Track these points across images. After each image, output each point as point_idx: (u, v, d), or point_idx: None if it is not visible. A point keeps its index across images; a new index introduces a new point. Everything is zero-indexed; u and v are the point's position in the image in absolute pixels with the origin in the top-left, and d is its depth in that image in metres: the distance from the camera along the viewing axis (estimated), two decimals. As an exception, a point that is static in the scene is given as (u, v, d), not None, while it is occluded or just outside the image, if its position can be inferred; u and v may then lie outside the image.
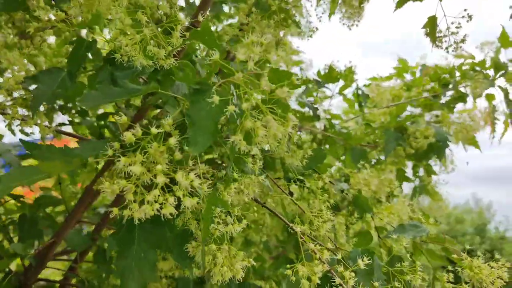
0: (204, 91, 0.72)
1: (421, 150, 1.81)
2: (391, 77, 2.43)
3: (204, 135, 0.68)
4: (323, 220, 0.96)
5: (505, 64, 2.22)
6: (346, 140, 1.61)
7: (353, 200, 1.16)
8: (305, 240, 0.86)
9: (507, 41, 2.15)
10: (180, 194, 0.65)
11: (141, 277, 0.70)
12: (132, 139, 0.65)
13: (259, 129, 0.68)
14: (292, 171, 1.13)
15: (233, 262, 0.83)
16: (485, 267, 1.01)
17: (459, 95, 2.22)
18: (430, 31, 1.26)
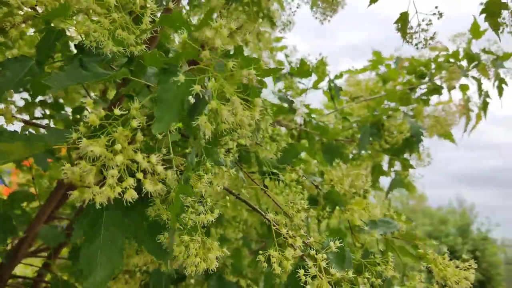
0: (172, 71, 0.72)
1: (397, 145, 1.82)
2: (366, 70, 2.45)
3: (169, 113, 0.68)
4: (298, 209, 0.96)
5: (477, 54, 2.26)
6: (322, 135, 1.62)
7: (326, 194, 1.17)
8: (278, 228, 0.86)
9: (478, 31, 2.18)
10: (140, 176, 0.64)
11: (108, 265, 0.68)
12: (95, 121, 0.64)
13: (223, 110, 0.67)
14: (267, 164, 1.13)
15: (206, 253, 0.82)
16: (450, 265, 1.01)
17: (434, 87, 2.26)
18: (401, 27, 1.28)
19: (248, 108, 0.68)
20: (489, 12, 1.22)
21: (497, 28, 1.24)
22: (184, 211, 0.78)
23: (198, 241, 0.80)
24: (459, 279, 0.99)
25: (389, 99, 2.25)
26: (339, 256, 0.92)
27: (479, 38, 2.21)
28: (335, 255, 0.92)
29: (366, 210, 1.15)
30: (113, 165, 0.64)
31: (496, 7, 1.20)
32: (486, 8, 1.21)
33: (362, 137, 1.67)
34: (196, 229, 0.83)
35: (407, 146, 1.84)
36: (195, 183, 0.82)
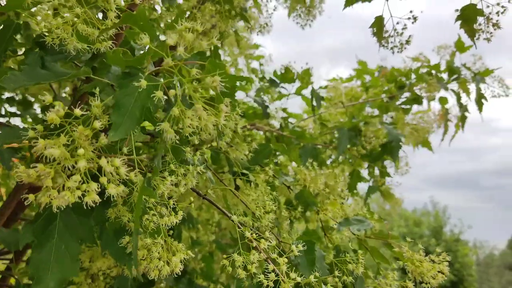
0: (133, 75, 0.68)
1: (375, 151, 1.82)
2: (351, 79, 2.45)
3: (128, 119, 0.64)
4: (266, 210, 0.94)
5: (458, 68, 2.28)
6: (299, 139, 1.60)
7: (297, 195, 1.15)
8: (243, 230, 0.83)
9: (463, 46, 2.21)
10: (104, 181, 0.61)
11: (60, 271, 0.65)
12: (55, 119, 0.60)
13: (186, 118, 0.65)
14: (237, 165, 1.10)
15: (170, 256, 0.80)
16: (425, 260, 1.02)
17: (414, 97, 2.27)
18: (377, 31, 1.27)
19: (213, 114, 0.65)
20: (464, 19, 1.21)
21: (473, 35, 1.24)
22: (146, 213, 0.75)
23: (161, 244, 0.78)
24: (435, 274, 1.01)
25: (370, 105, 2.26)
26: (309, 257, 0.90)
27: (463, 52, 2.23)
28: (304, 257, 0.90)
29: (340, 210, 1.14)
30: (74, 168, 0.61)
31: (472, 14, 1.19)
32: (461, 14, 1.20)
33: (340, 141, 1.66)
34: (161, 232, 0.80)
35: (385, 153, 1.84)
36: (158, 184, 0.79)
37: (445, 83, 2.28)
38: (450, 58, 2.30)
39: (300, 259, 0.89)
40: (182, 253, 0.81)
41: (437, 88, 2.22)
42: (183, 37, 0.69)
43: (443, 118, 2.35)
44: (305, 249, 0.90)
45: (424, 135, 2.01)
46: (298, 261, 0.89)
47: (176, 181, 0.85)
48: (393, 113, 2.26)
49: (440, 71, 2.29)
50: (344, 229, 1.10)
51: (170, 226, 0.81)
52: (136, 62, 0.72)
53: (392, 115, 2.24)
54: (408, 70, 2.26)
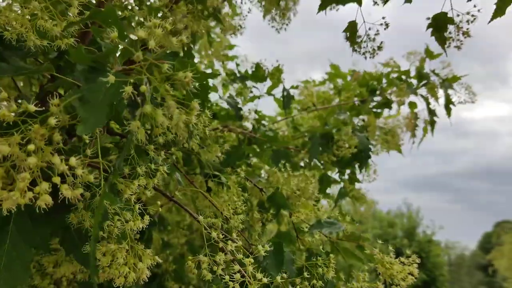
0: (100, 70, 0.65)
1: (345, 158, 1.82)
2: (324, 82, 2.46)
3: (96, 115, 0.61)
4: (235, 212, 0.92)
5: (427, 74, 2.31)
6: (272, 142, 1.58)
7: (270, 197, 1.13)
8: (209, 232, 0.81)
9: (432, 54, 2.24)
10: (57, 181, 0.58)
11: (10, 279, 0.60)
12: (7, 116, 0.56)
13: (158, 116, 0.62)
14: (209, 167, 1.08)
15: (136, 261, 0.76)
16: (396, 262, 1.02)
17: (384, 101, 2.29)
18: (350, 36, 1.26)
19: (185, 113, 0.62)
20: (435, 27, 1.22)
21: (443, 43, 1.24)
22: (108, 219, 0.71)
23: (126, 249, 0.74)
24: (405, 276, 1.01)
25: (340, 109, 2.26)
26: (277, 259, 0.88)
27: (433, 59, 2.26)
28: (273, 258, 0.88)
29: (312, 212, 1.13)
30: (25, 167, 0.57)
31: (442, 22, 1.19)
32: (432, 22, 1.21)
33: (312, 147, 1.65)
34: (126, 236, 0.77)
35: (355, 160, 1.84)
36: (124, 188, 0.76)
37: (415, 88, 2.31)
38: (420, 64, 2.33)
39: (268, 260, 0.87)
40: (149, 259, 0.78)
41: (407, 93, 2.25)
42: (152, 33, 0.67)
43: (412, 124, 2.38)
44: (273, 250, 0.88)
45: (395, 143, 2.03)
46: (267, 262, 0.87)
47: (143, 184, 0.82)
48: (364, 116, 2.28)
49: (410, 76, 2.32)
50: (316, 232, 1.08)
51: (137, 230, 0.78)
52: (103, 57, 0.68)
53: (363, 118, 2.25)
54: (379, 75, 2.28)
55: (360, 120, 2.27)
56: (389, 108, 2.29)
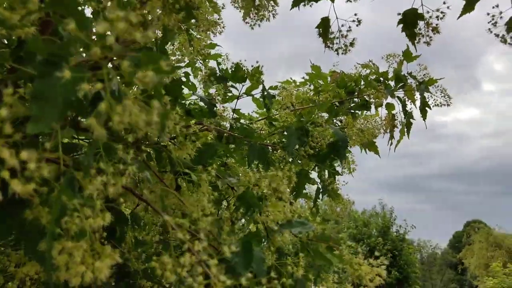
0: (56, 63, 0.60)
1: (322, 152, 1.80)
2: (305, 83, 2.43)
3: (50, 112, 0.56)
4: (204, 213, 0.88)
5: (405, 77, 2.31)
6: (247, 138, 1.55)
7: (240, 196, 1.09)
8: (176, 231, 0.77)
9: (410, 56, 2.23)
10: (5, 175, 0.53)
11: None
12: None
13: (115, 115, 0.58)
14: (180, 164, 1.04)
15: (94, 260, 0.72)
16: (364, 263, 1.01)
17: (362, 102, 2.27)
18: (322, 32, 1.24)
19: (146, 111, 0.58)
20: (406, 23, 1.21)
21: (413, 39, 1.23)
22: (65, 215, 0.67)
23: (84, 248, 0.70)
24: (373, 277, 1.01)
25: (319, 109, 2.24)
26: (246, 258, 0.85)
27: (410, 62, 2.26)
28: (242, 258, 0.85)
29: (282, 212, 1.10)
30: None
31: (413, 18, 1.19)
32: (403, 18, 1.20)
33: (289, 140, 1.62)
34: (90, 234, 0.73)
35: (333, 153, 1.82)
36: (86, 184, 0.72)
37: (392, 90, 2.30)
38: (397, 67, 2.32)
39: (237, 259, 0.84)
40: (109, 257, 0.74)
41: (384, 95, 2.23)
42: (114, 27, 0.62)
43: (390, 124, 2.37)
44: (242, 249, 0.85)
45: (369, 137, 2.01)
46: (236, 261, 0.84)
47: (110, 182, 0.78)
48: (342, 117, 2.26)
49: (388, 78, 2.31)
50: (285, 232, 1.05)
51: (105, 228, 0.74)
52: (60, 49, 0.64)
53: (341, 119, 2.24)
54: (358, 76, 2.27)
55: (338, 121, 2.26)
56: (367, 110, 2.28)
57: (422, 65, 2.32)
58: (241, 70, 1.83)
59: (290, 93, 2.05)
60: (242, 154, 1.44)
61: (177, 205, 0.98)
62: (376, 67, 2.31)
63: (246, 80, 1.86)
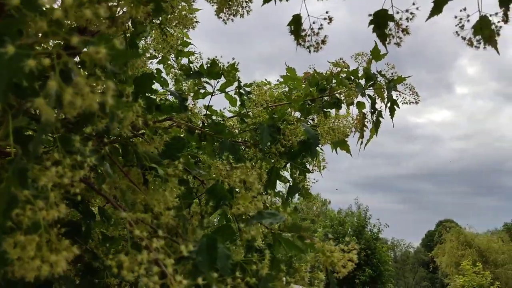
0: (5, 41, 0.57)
1: (294, 149, 1.78)
2: (280, 85, 2.42)
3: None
4: (166, 207, 0.85)
5: (375, 75, 2.32)
6: (218, 134, 1.52)
7: (209, 189, 1.06)
8: (133, 228, 0.73)
9: (378, 54, 2.24)
10: None
11: None
12: None
13: (67, 94, 0.54)
14: (146, 158, 1.00)
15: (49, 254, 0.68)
16: (336, 250, 1.00)
17: (334, 101, 2.27)
18: (294, 29, 1.23)
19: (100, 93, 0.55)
20: (376, 23, 1.20)
21: (384, 39, 1.23)
22: (16, 207, 0.63)
23: (37, 241, 0.66)
24: (346, 263, 1.00)
25: (292, 107, 2.23)
26: (210, 256, 0.82)
27: (379, 60, 2.27)
28: (205, 255, 0.82)
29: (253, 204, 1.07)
30: None
31: (383, 19, 1.18)
32: (373, 19, 1.19)
33: (262, 136, 1.60)
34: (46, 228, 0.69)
35: (304, 151, 1.81)
36: (38, 175, 0.68)
37: (363, 89, 2.31)
38: (367, 65, 2.33)
39: (200, 257, 0.81)
40: (67, 251, 0.70)
41: (355, 93, 2.24)
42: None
43: (360, 123, 2.38)
44: (206, 246, 0.82)
45: (340, 135, 2.00)
46: (199, 259, 0.81)
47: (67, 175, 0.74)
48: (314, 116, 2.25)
49: (358, 77, 2.32)
50: (255, 223, 1.03)
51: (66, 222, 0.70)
52: (4, 26, 0.60)
53: (313, 118, 2.23)
54: (329, 75, 2.26)
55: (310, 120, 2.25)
56: (338, 108, 2.28)
57: (390, 64, 2.34)
58: (217, 66, 1.80)
59: (263, 91, 2.03)
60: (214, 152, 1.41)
61: (143, 200, 0.94)
62: (346, 65, 2.31)
63: (221, 76, 1.83)
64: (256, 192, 1.04)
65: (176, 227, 0.95)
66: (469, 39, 1.18)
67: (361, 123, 2.36)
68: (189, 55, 2.27)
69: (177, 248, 0.84)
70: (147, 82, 1.23)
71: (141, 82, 1.22)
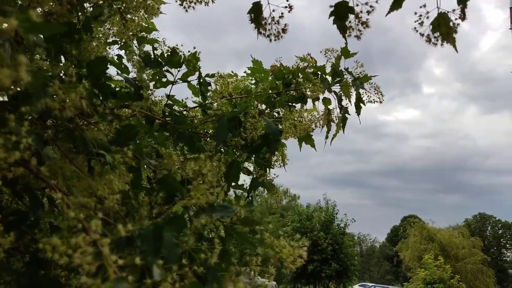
0: None
1: (256, 143, 1.76)
2: (247, 78, 2.39)
3: None
4: (111, 191, 0.81)
5: (342, 72, 2.32)
6: (178, 125, 1.48)
7: (161, 179, 1.03)
8: (69, 210, 0.70)
9: (348, 52, 2.25)
10: None
11: None
12: None
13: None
14: (93, 144, 0.96)
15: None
16: (286, 246, 0.98)
17: (300, 95, 2.26)
18: (254, 18, 1.20)
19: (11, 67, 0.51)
20: (337, 15, 1.19)
21: (344, 32, 1.22)
22: None
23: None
24: (295, 259, 0.99)
25: (256, 99, 2.21)
26: (156, 244, 0.80)
27: (348, 58, 2.27)
28: (151, 244, 0.80)
29: (205, 196, 1.04)
30: None
31: (344, 10, 1.17)
32: (334, 11, 1.18)
33: (219, 129, 1.57)
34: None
35: (265, 145, 1.79)
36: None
37: (329, 85, 2.31)
38: (335, 62, 2.33)
39: (146, 246, 0.78)
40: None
41: (321, 89, 2.23)
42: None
43: (326, 119, 2.38)
44: (152, 236, 0.80)
45: (302, 131, 2.00)
46: (144, 249, 0.78)
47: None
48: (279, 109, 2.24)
49: (326, 73, 2.32)
50: (205, 216, 1.00)
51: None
52: None
53: (278, 111, 2.21)
54: (295, 69, 2.25)
55: (275, 112, 2.23)
56: (303, 103, 2.27)
57: (359, 62, 2.35)
58: (177, 55, 1.75)
59: (227, 82, 2.00)
60: (162, 136, 1.37)
61: (89, 187, 0.90)
62: (314, 60, 2.30)
63: (182, 65, 1.79)
64: (209, 185, 1.01)
65: (124, 215, 0.92)
66: (428, 35, 1.19)
67: (327, 119, 2.36)
68: (153, 42, 2.21)
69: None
70: (100, 66, 1.18)
71: (94, 66, 1.18)
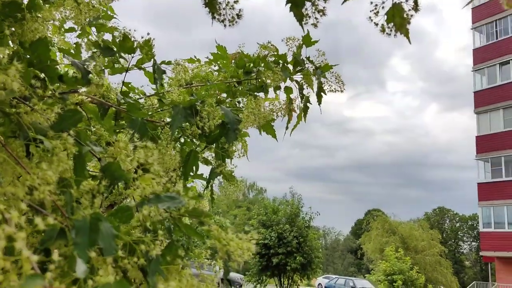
0: None
1: (214, 133, 1.73)
2: (210, 63, 2.34)
3: None
4: (44, 181, 0.77)
5: (303, 61, 2.32)
6: (131, 112, 1.44)
7: (104, 167, 0.99)
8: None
9: (309, 41, 2.24)
10: None
11: None
12: None
13: None
14: (31, 129, 0.91)
15: None
16: (234, 239, 0.96)
17: (260, 84, 2.25)
18: (209, 2, 1.17)
19: None
20: (293, 2, 1.17)
21: (301, 19, 1.21)
22: None
23: None
24: (243, 251, 0.97)
25: (216, 88, 2.18)
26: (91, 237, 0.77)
27: (309, 46, 2.26)
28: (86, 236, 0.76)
29: (152, 186, 1.01)
30: None
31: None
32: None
33: (174, 117, 1.53)
34: None
35: (223, 134, 1.76)
36: None
37: (291, 74, 2.30)
38: (297, 50, 2.32)
39: (79, 238, 0.75)
40: None
41: (282, 77, 2.22)
42: None
43: (287, 108, 2.38)
44: (89, 228, 0.77)
45: (262, 120, 1.98)
46: (77, 242, 0.75)
47: None
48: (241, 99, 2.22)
49: (287, 62, 2.30)
50: (151, 207, 0.97)
51: None
52: None
53: (239, 100, 2.19)
54: (256, 57, 2.23)
55: (235, 101, 2.21)
56: (265, 92, 2.26)
57: (321, 51, 2.34)
58: (129, 40, 1.70)
59: (184, 69, 1.96)
60: (109, 122, 1.32)
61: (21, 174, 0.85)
62: (275, 49, 2.28)
63: (135, 51, 1.74)
64: (155, 174, 0.98)
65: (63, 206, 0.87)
66: (382, 25, 1.19)
67: (288, 108, 2.36)
68: (112, 30, 2.14)
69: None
70: (43, 48, 1.13)
71: (36, 48, 1.12)
